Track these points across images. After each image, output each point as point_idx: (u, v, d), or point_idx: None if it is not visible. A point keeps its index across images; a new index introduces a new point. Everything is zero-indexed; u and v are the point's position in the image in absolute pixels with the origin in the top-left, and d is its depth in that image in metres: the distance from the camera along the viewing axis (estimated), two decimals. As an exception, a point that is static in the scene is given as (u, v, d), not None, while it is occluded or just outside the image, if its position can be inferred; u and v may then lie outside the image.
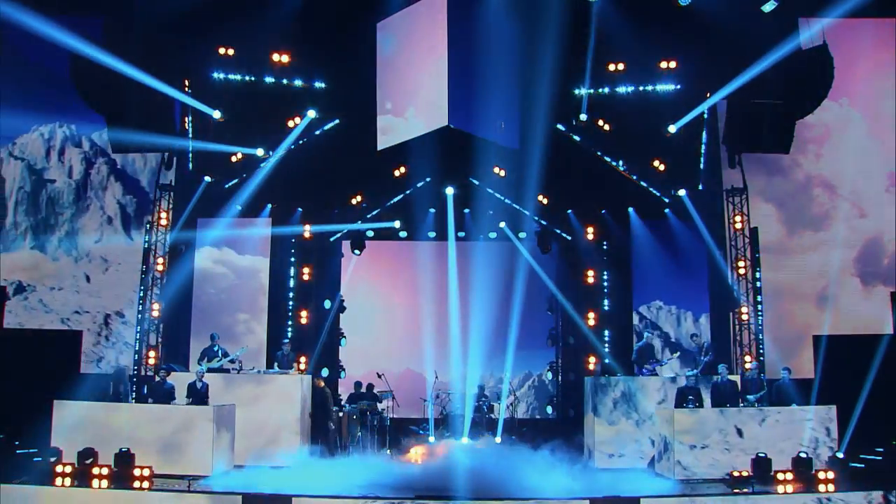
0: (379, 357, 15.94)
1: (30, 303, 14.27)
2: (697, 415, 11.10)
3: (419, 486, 9.69)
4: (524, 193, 14.86)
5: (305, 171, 14.38)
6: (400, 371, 15.65)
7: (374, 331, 16.69)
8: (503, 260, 16.34)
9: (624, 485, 10.54)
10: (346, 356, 16.21)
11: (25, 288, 14.34)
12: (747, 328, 13.58)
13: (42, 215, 14.73)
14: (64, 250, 14.57)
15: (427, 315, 16.44)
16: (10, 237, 14.41)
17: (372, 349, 16.43)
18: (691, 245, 14.38)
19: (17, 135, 14.76)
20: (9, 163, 14.77)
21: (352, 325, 16.42)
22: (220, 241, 14.54)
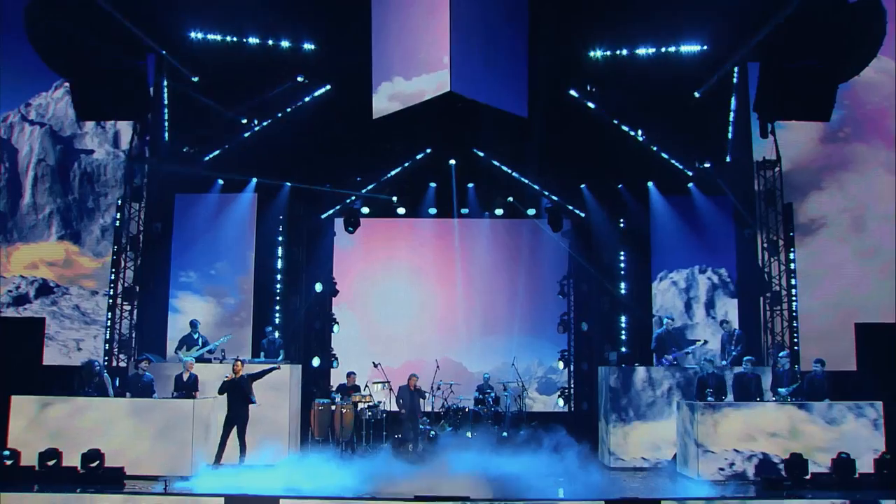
0: (375, 345, 15.86)
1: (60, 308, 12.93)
2: (722, 408, 10.92)
3: (419, 486, 9.55)
4: (533, 166, 14.81)
5: (294, 141, 14.20)
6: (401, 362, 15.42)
7: (368, 316, 16.60)
8: (510, 239, 16.56)
9: (642, 485, 10.62)
10: (339, 344, 16.10)
11: (54, 289, 13.07)
12: (780, 315, 13.28)
13: (74, 196, 13.44)
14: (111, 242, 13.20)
15: (427, 299, 16.56)
16: (28, 223, 13.09)
17: (367, 336, 16.36)
18: (717, 223, 14.19)
19: (32, 94, 13.26)
20: (22, 129, 13.30)
21: (345, 310, 16.34)
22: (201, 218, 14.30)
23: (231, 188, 14.44)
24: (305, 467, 10.96)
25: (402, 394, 12.87)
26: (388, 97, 13.42)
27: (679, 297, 14.22)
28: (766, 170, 13.83)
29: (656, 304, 14.29)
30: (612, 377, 12.40)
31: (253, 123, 14.18)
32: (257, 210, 14.52)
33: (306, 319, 15.43)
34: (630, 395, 12.28)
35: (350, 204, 15.88)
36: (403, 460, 12.04)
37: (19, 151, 13.57)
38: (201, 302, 14.01)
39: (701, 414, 10.84)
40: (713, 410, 10.88)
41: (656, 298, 14.31)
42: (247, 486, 9.56)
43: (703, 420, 10.79)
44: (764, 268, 13.56)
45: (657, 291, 14.34)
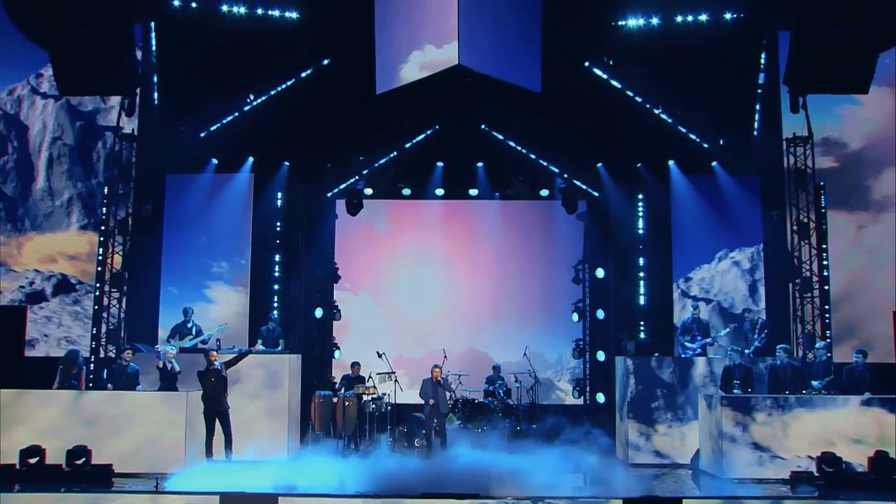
0: (378, 333, 15.79)
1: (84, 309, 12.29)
2: (749, 401, 10.73)
3: (425, 483, 9.41)
4: (547, 144, 14.83)
5: (293, 118, 14.11)
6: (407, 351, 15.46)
7: (372, 304, 16.51)
8: (522, 221, 16.47)
9: (663, 483, 10.51)
10: (341, 332, 16.05)
11: (76, 286, 12.67)
12: (811, 302, 13.03)
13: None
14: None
15: (434, 286, 16.47)
16: (43, 210, 12.54)
17: (371, 325, 16.28)
18: (743, 204, 13.99)
19: (43, 63, 12.33)
20: (32, 103, 12.77)
21: (347, 296, 16.30)
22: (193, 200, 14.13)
23: (226, 168, 14.31)
24: (305, 463, 10.84)
25: (425, 387, 12.36)
26: (392, 71, 13.25)
27: (742, 280, 13.90)
28: (796, 147, 13.59)
29: (715, 286, 14.01)
30: (631, 367, 12.23)
31: (249, 99, 14.10)
32: (254, 191, 14.43)
33: (306, 307, 15.36)
34: (650, 386, 12.10)
35: (352, 185, 15.80)
36: (409, 455, 11.96)
37: (30, 129, 13.14)
38: (195, 288, 13.90)
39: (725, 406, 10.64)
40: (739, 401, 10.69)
41: (715, 280, 14.02)
42: (243, 484, 9.39)
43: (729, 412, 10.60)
44: (793, 252, 13.25)
45: (716, 272, 14.04)
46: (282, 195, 14.82)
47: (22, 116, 13.05)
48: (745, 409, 10.64)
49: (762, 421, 10.59)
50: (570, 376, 16.18)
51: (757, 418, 10.60)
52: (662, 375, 12.16)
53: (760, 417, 10.60)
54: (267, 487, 9.28)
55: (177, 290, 13.81)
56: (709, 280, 13.97)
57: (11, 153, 13.03)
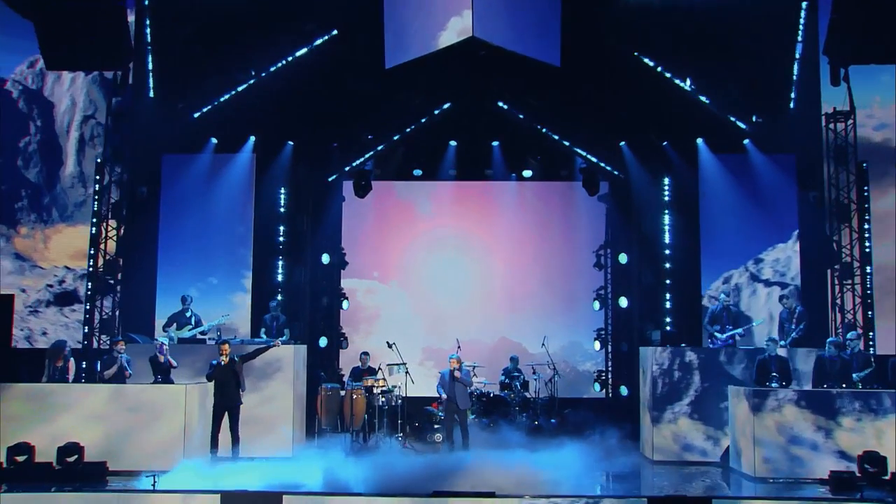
0: (388, 323, 15.89)
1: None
2: (785, 395, 10.54)
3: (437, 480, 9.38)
4: (566, 121, 14.74)
5: (297, 95, 14.05)
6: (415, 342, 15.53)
7: (381, 291, 16.53)
8: (540, 204, 16.46)
9: (691, 482, 10.35)
10: (349, 322, 16.06)
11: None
12: (851, 290, 12.82)
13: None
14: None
15: (446, 272, 16.45)
16: (74, 199, 12.37)
17: (380, 313, 16.35)
18: (777, 184, 13.82)
19: None
20: (58, 77, 12.31)
21: (354, 283, 16.30)
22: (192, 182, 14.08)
23: (226, 148, 14.28)
24: (311, 460, 10.80)
25: (442, 381, 11.95)
26: (403, 44, 13.19)
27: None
28: (836, 122, 13.44)
29: (792, 269, 13.77)
30: (656, 358, 12.10)
31: (250, 74, 13.98)
32: (256, 172, 14.38)
33: (312, 295, 15.34)
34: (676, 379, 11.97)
35: (360, 165, 15.75)
36: (421, 451, 12.02)
37: (56, 106, 13.03)
38: (193, 275, 13.87)
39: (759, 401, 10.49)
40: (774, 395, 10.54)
41: (792, 262, 13.75)
42: (245, 482, 9.36)
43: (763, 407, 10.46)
44: (832, 236, 13.04)
45: (793, 253, 13.79)
46: (285, 176, 14.78)
47: (46, 92, 12.95)
48: (779, 403, 10.47)
49: (797, 416, 10.43)
50: (591, 368, 16.14)
51: (793, 413, 10.44)
52: (690, 367, 11.98)
53: (796, 412, 10.43)
54: (270, 485, 9.26)
55: (174, 278, 13.80)
56: (784, 262, 13.66)
57: (34, 133, 12.84)
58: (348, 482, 9.55)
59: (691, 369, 11.95)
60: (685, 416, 11.87)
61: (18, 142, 13.08)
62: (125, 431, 10.44)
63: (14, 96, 13.33)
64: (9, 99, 13.41)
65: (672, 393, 11.96)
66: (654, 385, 12.05)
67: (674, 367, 12.00)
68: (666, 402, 11.96)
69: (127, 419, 10.47)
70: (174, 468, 9.99)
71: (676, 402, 11.95)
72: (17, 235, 12.83)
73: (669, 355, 12.07)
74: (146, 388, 10.83)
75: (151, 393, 10.70)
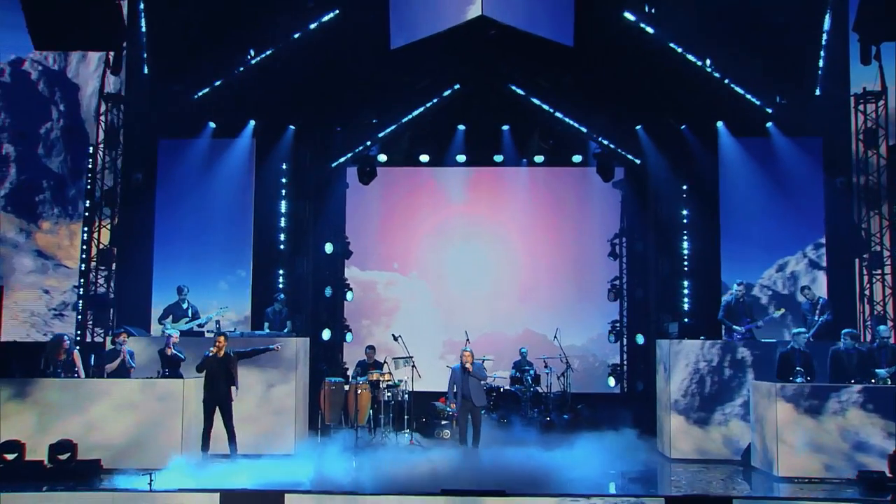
0: (393, 315, 16.02)
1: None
2: (808, 391, 10.45)
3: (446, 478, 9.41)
4: (580, 104, 14.68)
5: (298, 77, 14.02)
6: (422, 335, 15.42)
7: (387, 281, 16.54)
8: (552, 191, 16.43)
9: (710, 481, 10.29)
10: (353, 314, 16.11)
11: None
12: (881, 280, 12.72)
13: None
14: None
15: (455, 261, 16.47)
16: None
17: (385, 305, 16.38)
18: (802, 169, 13.76)
19: None
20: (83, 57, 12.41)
21: (359, 274, 16.32)
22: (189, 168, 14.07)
23: (224, 132, 14.28)
24: (314, 457, 10.88)
25: (454, 377, 11.43)
26: (409, 24, 13.18)
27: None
28: (866, 104, 13.35)
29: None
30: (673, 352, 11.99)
31: (250, 55, 13.93)
32: (256, 158, 14.37)
33: (315, 285, 15.36)
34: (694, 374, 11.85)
35: (364, 151, 15.71)
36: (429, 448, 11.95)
37: (81, 89, 12.97)
38: (191, 265, 13.84)
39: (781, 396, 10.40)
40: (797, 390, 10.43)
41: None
42: (246, 480, 9.43)
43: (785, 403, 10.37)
44: (861, 224, 12.95)
45: None
46: (287, 162, 14.77)
47: (69, 73, 12.86)
48: (804, 399, 10.36)
49: (825, 413, 10.33)
50: (605, 362, 16.10)
51: (819, 410, 10.34)
52: (709, 361, 11.86)
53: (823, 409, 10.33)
54: (272, 484, 9.25)
55: (171, 268, 13.78)
56: None
57: (57, 119, 12.72)
58: (353, 480, 9.57)
59: (709, 363, 11.81)
60: (702, 412, 11.74)
61: (39, 128, 12.91)
62: (120, 428, 10.42)
63: (33, 78, 13.29)
64: (27, 81, 13.41)
65: (689, 388, 11.80)
66: (670, 380, 11.91)
67: (691, 360, 11.85)
68: (683, 397, 11.81)
69: (122, 415, 10.46)
70: (171, 466, 9.92)
71: (727, 402, 11.76)
72: (38, 231, 12.77)
73: (720, 351, 11.89)
74: (143, 382, 10.80)
75: (148, 388, 10.65)
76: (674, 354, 11.90)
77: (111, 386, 10.66)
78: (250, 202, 14.24)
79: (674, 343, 11.95)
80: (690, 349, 11.81)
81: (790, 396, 10.38)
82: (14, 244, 13.12)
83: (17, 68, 13.65)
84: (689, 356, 11.79)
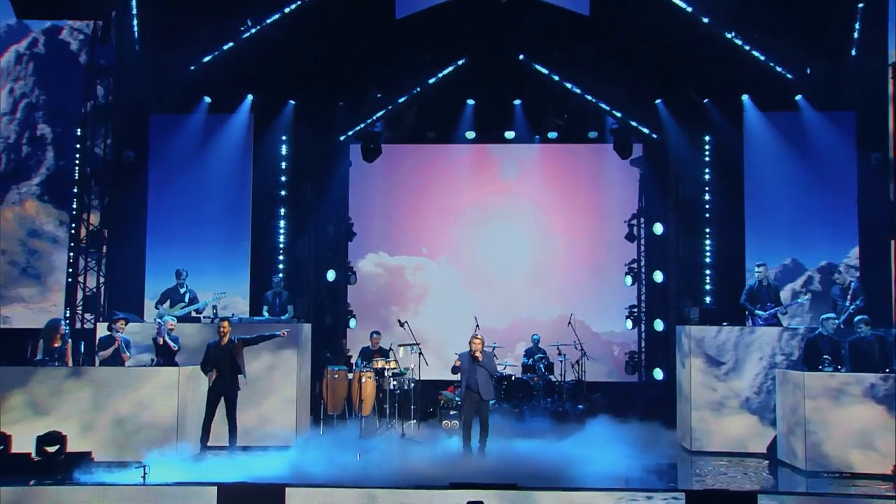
0: (399, 299, 16.12)
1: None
2: (838, 379, 10.35)
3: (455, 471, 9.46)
4: (596, 77, 14.67)
5: (299, 48, 14.03)
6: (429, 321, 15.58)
7: (392, 264, 16.60)
8: (566, 168, 16.45)
9: (733, 475, 10.23)
10: (357, 299, 16.22)
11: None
12: (919, 263, 12.69)
13: None
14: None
15: (464, 243, 16.54)
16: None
17: (391, 289, 16.45)
18: (834, 145, 13.68)
19: None
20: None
21: (363, 256, 16.42)
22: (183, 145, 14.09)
23: (221, 107, 14.29)
24: (316, 449, 10.89)
25: (461, 365, 11.03)
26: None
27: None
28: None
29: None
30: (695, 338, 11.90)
31: (247, 25, 13.90)
32: (254, 134, 14.37)
33: (316, 268, 15.41)
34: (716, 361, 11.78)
35: (368, 127, 15.71)
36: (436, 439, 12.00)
37: None
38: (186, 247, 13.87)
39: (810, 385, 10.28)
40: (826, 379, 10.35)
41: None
42: (244, 473, 9.44)
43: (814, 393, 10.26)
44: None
45: None
46: (287, 139, 14.77)
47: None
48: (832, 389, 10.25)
49: (854, 402, 10.20)
50: (622, 349, 16.08)
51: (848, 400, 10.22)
52: (732, 348, 11.77)
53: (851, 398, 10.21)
54: (272, 477, 9.27)
55: (165, 250, 13.82)
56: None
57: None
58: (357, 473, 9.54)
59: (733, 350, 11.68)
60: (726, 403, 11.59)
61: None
62: (112, 418, 10.42)
63: (73, 48, 13.43)
64: (66, 52, 13.50)
65: (712, 376, 11.69)
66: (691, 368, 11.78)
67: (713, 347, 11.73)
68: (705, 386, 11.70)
69: (114, 405, 10.47)
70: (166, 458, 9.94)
71: (716, 386, 11.67)
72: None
73: (708, 335, 11.79)
74: (136, 370, 10.80)
75: (141, 376, 10.65)
76: (744, 347, 11.70)
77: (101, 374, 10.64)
78: (248, 181, 14.23)
79: (745, 332, 11.71)
80: (766, 340, 11.55)
81: (817, 386, 10.26)
82: (53, 238, 13.22)
83: (53, 37, 13.76)
84: (765, 349, 11.55)
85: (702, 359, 11.74)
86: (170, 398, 10.52)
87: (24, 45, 14.32)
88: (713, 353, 11.72)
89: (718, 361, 11.70)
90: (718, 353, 11.72)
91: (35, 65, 14.29)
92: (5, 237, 13.87)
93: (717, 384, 11.66)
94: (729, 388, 11.67)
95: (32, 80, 14.30)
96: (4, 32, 14.31)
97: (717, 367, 11.68)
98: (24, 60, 14.31)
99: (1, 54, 14.15)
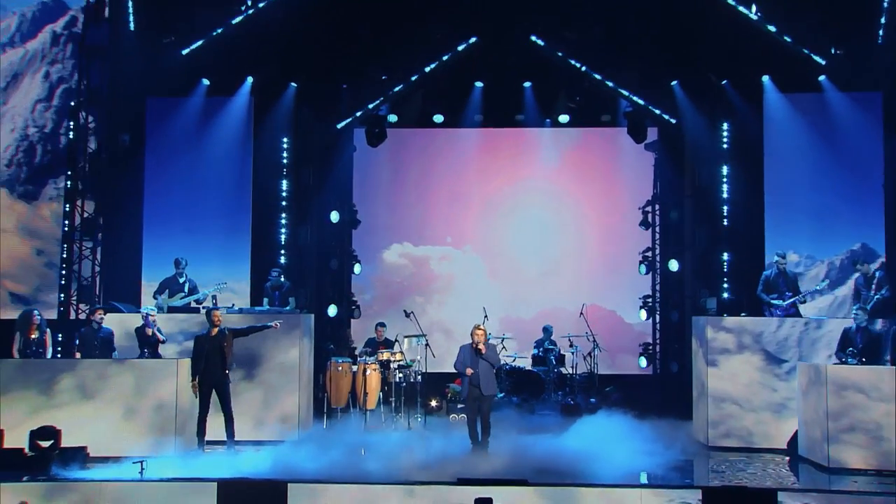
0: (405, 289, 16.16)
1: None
2: (863, 373, 10.24)
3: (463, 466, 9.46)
4: (609, 58, 14.68)
5: (300, 29, 14.04)
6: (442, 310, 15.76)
7: (398, 252, 16.63)
8: (578, 153, 16.44)
9: (752, 472, 10.18)
10: (361, 289, 16.29)
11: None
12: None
13: None
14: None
15: (472, 230, 16.58)
16: None
17: (396, 279, 16.49)
18: (859, 128, 13.63)
19: None
20: None
21: (367, 244, 16.46)
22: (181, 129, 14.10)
23: (220, 90, 14.31)
24: (319, 444, 10.84)
25: (462, 356, 10.92)
26: None
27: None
28: None
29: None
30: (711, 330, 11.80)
31: (246, 5, 13.94)
32: (254, 118, 14.39)
33: (320, 257, 15.47)
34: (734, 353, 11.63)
35: (373, 110, 15.71)
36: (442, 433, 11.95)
37: None
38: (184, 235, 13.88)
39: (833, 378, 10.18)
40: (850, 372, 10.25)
41: None
42: (245, 469, 9.47)
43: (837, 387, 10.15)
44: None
45: None
46: (288, 123, 14.80)
47: None
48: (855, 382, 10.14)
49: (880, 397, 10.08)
50: (636, 341, 16.07)
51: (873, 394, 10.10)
52: (752, 339, 11.64)
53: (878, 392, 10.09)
54: (274, 473, 9.28)
55: (162, 239, 13.83)
56: None
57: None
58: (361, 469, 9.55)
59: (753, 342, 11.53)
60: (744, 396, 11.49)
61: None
62: (109, 412, 10.43)
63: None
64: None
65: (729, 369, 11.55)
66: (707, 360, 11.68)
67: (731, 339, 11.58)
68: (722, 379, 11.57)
69: (110, 398, 10.45)
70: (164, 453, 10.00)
71: (734, 379, 11.53)
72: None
73: (726, 326, 11.68)
74: (132, 363, 10.79)
75: (137, 369, 10.64)
76: (809, 342, 11.48)
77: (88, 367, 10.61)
78: (248, 166, 14.26)
79: (811, 325, 11.48)
80: (835, 337, 11.10)
81: (840, 379, 10.17)
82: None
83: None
84: (833, 344, 11.17)
85: (760, 356, 11.38)
86: (168, 391, 10.50)
87: (62, 24, 14.44)
88: (773, 349, 11.37)
89: (780, 359, 11.35)
90: (779, 349, 11.38)
91: (74, 46, 14.43)
92: (42, 236, 13.86)
93: (778, 384, 11.32)
94: (791, 388, 11.27)
95: (71, 63, 14.39)
96: (38, 10, 14.33)
97: (779, 364, 11.36)
98: (62, 41, 14.39)
99: (35, 35, 14.13)
